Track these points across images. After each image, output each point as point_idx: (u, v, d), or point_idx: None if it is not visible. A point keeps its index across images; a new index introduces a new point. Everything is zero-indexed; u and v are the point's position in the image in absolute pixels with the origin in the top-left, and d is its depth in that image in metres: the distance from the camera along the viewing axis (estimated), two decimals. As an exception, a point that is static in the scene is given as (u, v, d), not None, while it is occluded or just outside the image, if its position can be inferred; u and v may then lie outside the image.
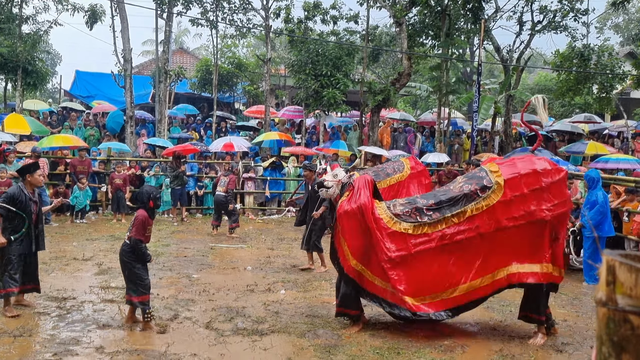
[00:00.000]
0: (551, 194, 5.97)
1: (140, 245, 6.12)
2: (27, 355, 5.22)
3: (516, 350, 5.86)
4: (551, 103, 25.20)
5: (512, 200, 5.93)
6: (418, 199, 6.39)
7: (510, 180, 5.98)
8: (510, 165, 6.21)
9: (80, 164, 14.27)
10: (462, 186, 6.20)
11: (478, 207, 5.96)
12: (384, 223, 6.02)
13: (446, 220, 5.99)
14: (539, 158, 6.38)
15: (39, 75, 18.70)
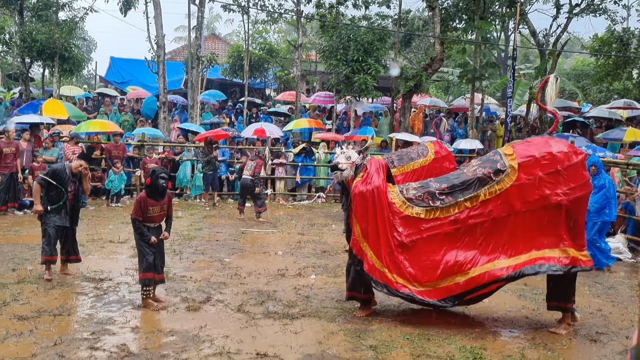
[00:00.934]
0: (568, 178, 5.81)
1: (137, 224, 6.40)
2: (66, 334, 5.39)
3: (549, 339, 5.79)
4: (589, 88, 24.58)
5: (527, 184, 5.79)
6: (431, 182, 6.29)
7: (525, 164, 5.84)
8: (525, 148, 6.05)
9: (115, 149, 14.54)
10: (475, 170, 6.08)
11: (491, 191, 5.85)
12: (396, 207, 5.98)
13: (459, 205, 5.90)
14: (556, 140, 6.16)
15: (75, 62, 19.07)
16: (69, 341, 5.20)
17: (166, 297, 6.66)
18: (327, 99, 21.59)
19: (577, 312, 6.35)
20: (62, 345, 5.09)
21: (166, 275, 7.61)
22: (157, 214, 6.48)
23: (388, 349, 5.30)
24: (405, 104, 18.89)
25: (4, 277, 7.26)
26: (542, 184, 5.79)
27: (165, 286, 7.12)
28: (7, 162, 12.10)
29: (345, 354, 5.18)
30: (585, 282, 8.20)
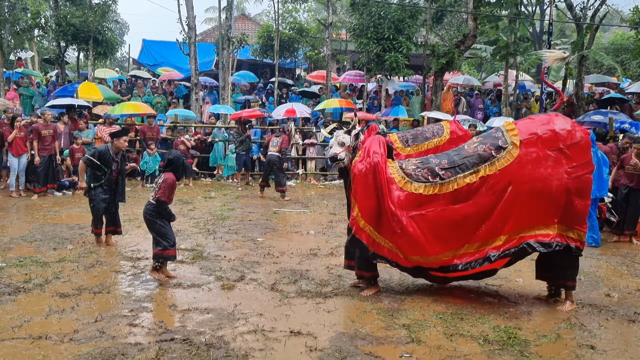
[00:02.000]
0: (571, 156, 5.68)
1: (166, 206, 6.52)
2: (106, 311, 5.55)
3: (585, 318, 5.72)
4: (628, 63, 23.77)
5: (528, 162, 5.68)
6: (431, 158, 6.21)
7: (527, 141, 5.72)
8: (528, 125, 5.92)
9: (149, 131, 14.77)
10: (476, 146, 5.98)
11: (492, 168, 5.75)
12: (395, 183, 5.92)
13: (458, 181, 5.82)
14: (560, 118, 5.99)
15: (109, 45, 19.36)
16: (109, 318, 5.35)
17: (201, 276, 6.79)
18: (358, 77, 21.43)
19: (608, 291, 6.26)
20: (103, 321, 5.25)
21: (200, 254, 7.76)
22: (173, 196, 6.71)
23: (421, 328, 5.31)
24: (437, 82, 18.62)
25: (46, 255, 7.50)
26: (544, 162, 5.69)
27: (200, 265, 7.26)
28: (45, 144, 12.41)
29: (378, 332, 5.21)
30: (623, 262, 8.05)
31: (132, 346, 4.73)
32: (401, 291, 6.43)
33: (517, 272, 7.35)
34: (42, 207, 11.12)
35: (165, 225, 6.58)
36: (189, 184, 14.45)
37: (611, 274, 7.46)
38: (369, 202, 5.96)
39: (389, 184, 5.94)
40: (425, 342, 5.01)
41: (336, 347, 4.85)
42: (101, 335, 4.93)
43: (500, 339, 5.12)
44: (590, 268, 7.68)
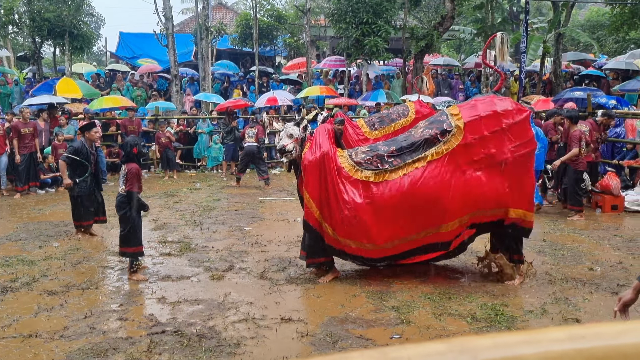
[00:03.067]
0: (513, 135, 5.78)
1: (138, 196, 6.42)
2: (95, 306, 5.54)
3: (570, 293, 5.83)
4: (604, 40, 24.01)
5: (473, 143, 5.77)
6: (380, 145, 6.25)
7: (471, 123, 5.81)
8: (471, 107, 6.01)
9: (130, 124, 14.64)
10: (423, 131, 6.04)
11: (438, 152, 5.82)
12: (345, 172, 5.95)
13: (407, 166, 5.87)
14: (501, 99, 6.12)
15: (85, 39, 19.08)
16: (98, 313, 5.35)
17: (190, 268, 6.79)
18: (338, 63, 21.39)
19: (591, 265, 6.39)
20: (92, 317, 5.25)
21: (188, 246, 7.76)
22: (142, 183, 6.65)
23: (410, 309, 5.38)
24: (417, 64, 18.66)
25: (32, 254, 7.44)
26: (488, 143, 5.77)
27: (188, 257, 7.26)
28: (25, 142, 12.23)
29: (368, 315, 5.27)
30: (604, 236, 8.20)
31: (123, 340, 4.74)
32: (389, 274, 6.49)
33: (502, 250, 7.45)
34: (25, 205, 11.01)
35: (136, 220, 6.47)
36: (173, 176, 14.38)
37: (593, 248, 7.59)
38: (320, 192, 5.96)
39: (339, 173, 5.95)
40: (415, 322, 5.08)
41: (327, 331, 4.90)
42: (92, 331, 4.92)
43: (487, 316, 5.21)
44: (572, 243, 7.82)
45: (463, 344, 0.53)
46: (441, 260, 6.57)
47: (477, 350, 0.52)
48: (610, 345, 0.53)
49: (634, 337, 0.54)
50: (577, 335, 0.54)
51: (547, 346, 0.53)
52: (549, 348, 0.53)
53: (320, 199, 5.98)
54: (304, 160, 6.09)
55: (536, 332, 0.55)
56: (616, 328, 0.56)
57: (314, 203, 6.00)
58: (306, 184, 6.06)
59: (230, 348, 4.59)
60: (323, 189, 5.96)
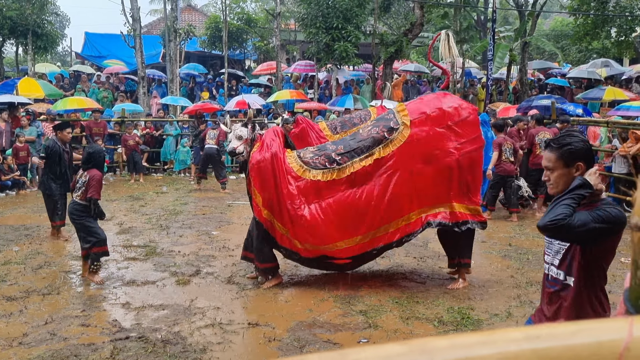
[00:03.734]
0: (459, 133, 5.87)
1: (97, 203, 6.33)
2: (56, 312, 5.39)
3: (534, 296, 5.92)
4: (568, 49, 24.63)
5: (419, 141, 5.83)
6: (328, 145, 6.29)
7: (417, 121, 5.88)
8: (417, 105, 6.10)
9: (96, 126, 14.37)
10: (370, 129, 6.09)
11: (385, 150, 5.87)
12: (294, 172, 5.96)
13: (354, 165, 5.90)
14: (448, 96, 6.21)
15: (49, 38, 18.66)
16: (60, 319, 5.21)
17: (155, 273, 6.68)
18: (308, 67, 21.42)
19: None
20: (53, 323, 5.11)
21: (154, 250, 7.63)
22: None
23: (378, 313, 5.40)
24: (387, 70, 18.81)
25: (-10, 259, 7.22)
26: (434, 140, 5.84)
27: (153, 261, 7.14)
28: (-16, 143, 11.89)
29: (336, 319, 5.26)
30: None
31: (85, 347, 4.62)
32: (357, 278, 6.51)
33: (468, 254, 7.55)
34: (-16, 208, 10.68)
35: (93, 222, 6.38)
36: (139, 180, 14.16)
37: (557, 252, 7.73)
38: (269, 192, 5.93)
39: (288, 173, 5.94)
40: (382, 326, 5.10)
41: (295, 336, 4.88)
42: (52, 338, 4.79)
43: (454, 319, 5.26)
44: (537, 247, 7.96)
45: (422, 345, 0.53)
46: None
47: (435, 352, 0.51)
48: (564, 345, 0.53)
49: (586, 338, 0.54)
50: (533, 335, 0.54)
51: (503, 346, 0.53)
52: (505, 348, 0.53)
53: (270, 199, 5.93)
54: (251, 161, 6.07)
55: (493, 332, 0.55)
56: (570, 328, 0.56)
57: (263, 203, 5.96)
58: (255, 185, 6.02)
59: (196, 354, 4.52)
60: (272, 189, 5.91)
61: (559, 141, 2.69)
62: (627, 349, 0.52)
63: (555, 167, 2.68)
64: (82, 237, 6.39)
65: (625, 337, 0.53)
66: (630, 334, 0.53)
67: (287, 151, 6.17)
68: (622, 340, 0.53)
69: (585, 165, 2.66)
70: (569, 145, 2.66)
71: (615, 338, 0.54)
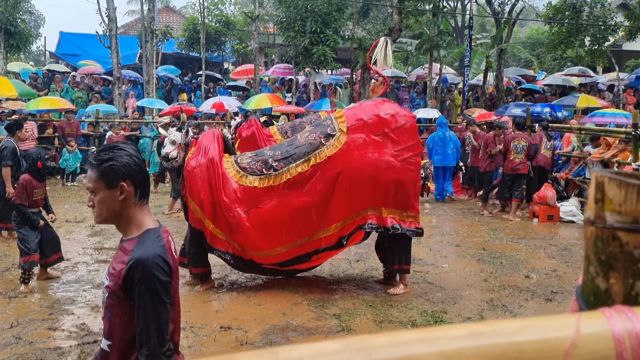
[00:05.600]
0: (396, 140, 5.90)
1: (23, 209, 6.10)
2: (22, 316, 5.26)
3: (507, 300, 5.97)
4: (543, 57, 25.01)
5: (355, 147, 5.83)
6: (266, 151, 6.25)
7: (354, 127, 5.89)
8: (355, 112, 6.10)
9: (69, 127, 14.12)
10: (307, 135, 6.08)
11: (321, 156, 5.85)
12: (230, 177, 5.93)
13: (290, 171, 5.88)
14: (385, 103, 6.22)
15: (22, 37, 18.34)
16: (26, 323, 5.08)
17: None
18: (287, 71, 21.39)
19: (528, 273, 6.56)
20: (19, 327, 4.98)
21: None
22: (40, 197, 6.34)
23: (351, 317, 5.37)
24: (365, 75, 18.86)
25: (-45, 261, 7.03)
26: (370, 147, 5.85)
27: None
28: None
29: (309, 323, 5.22)
30: (540, 245, 8.47)
31: (51, 351, 4.51)
32: (332, 281, 6.48)
33: (443, 258, 7.58)
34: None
35: (26, 232, 6.13)
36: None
37: (530, 257, 7.82)
38: (205, 198, 5.85)
39: (224, 178, 5.89)
40: (356, 330, 5.07)
41: (267, 340, 4.83)
42: (17, 342, 4.67)
43: (427, 323, 5.26)
44: (510, 251, 8.03)
45: (359, 342, 0.49)
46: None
47: (372, 349, 0.48)
48: (508, 342, 0.50)
49: (532, 334, 0.52)
50: (476, 332, 0.51)
51: (444, 344, 0.50)
52: (446, 346, 0.50)
53: (206, 205, 5.84)
54: (186, 167, 6.00)
55: (434, 329, 0.52)
56: (515, 325, 0.53)
57: (199, 208, 5.88)
58: (190, 190, 5.94)
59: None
60: (208, 195, 5.83)
61: (100, 156, 2.12)
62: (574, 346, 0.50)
63: (97, 188, 2.11)
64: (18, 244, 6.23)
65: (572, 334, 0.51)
66: (577, 330, 0.51)
67: (225, 156, 6.09)
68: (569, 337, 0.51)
69: (132, 186, 2.11)
70: (110, 161, 2.10)
71: (562, 335, 0.52)
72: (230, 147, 6.42)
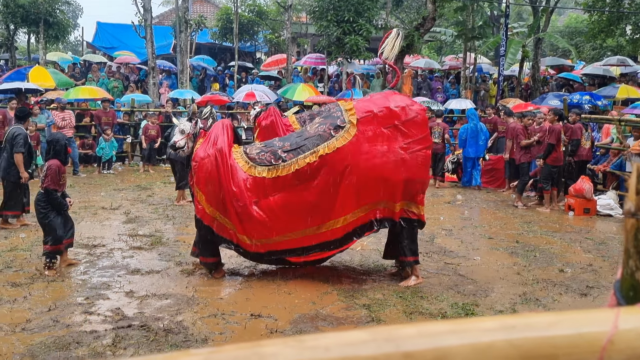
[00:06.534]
0: (406, 132, 5.81)
1: (55, 194, 6.20)
2: (60, 299, 5.41)
3: (540, 294, 5.87)
4: (582, 46, 24.36)
5: (365, 140, 5.77)
6: (275, 141, 6.20)
7: (364, 119, 5.81)
8: (365, 104, 6.04)
9: (105, 116, 14.40)
10: (317, 127, 6.01)
11: (331, 147, 5.78)
12: (239, 168, 5.90)
13: (299, 162, 5.82)
14: (396, 95, 6.14)
15: (61, 27, 18.74)
16: (63, 306, 5.22)
17: (160, 262, 6.68)
18: (319, 60, 21.34)
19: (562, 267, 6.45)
20: (57, 310, 5.12)
21: (159, 240, 7.64)
22: (65, 181, 6.46)
23: (381, 307, 5.36)
24: (398, 65, 18.68)
25: (-3, 245, 7.26)
26: (380, 139, 5.78)
27: (158, 251, 7.14)
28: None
29: (338, 313, 5.23)
30: (576, 239, 8.29)
31: (87, 334, 4.63)
32: (362, 271, 6.48)
33: (475, 250, 7.49)
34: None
35: (54, 219, 6.25)
36: (148, 170, 14.18)
37: (565, 251, 7.67)
38: (213, 188, 5.86)
39: (233, 169, 5.88)
40: (385, 321, 5.06)
41: (297, 328, 4.85)
42: (55, 324, 4.80)
43: (458, 315, 5.21)
44: (545, 245, 7.89)
45: (387, 332, 0.48)
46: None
47: (401, 340, 0.47)
48: (541, 336, 0.49)
49: (566, 329, 0.50)
50: (508, 326, 0.50)
51: (475, 337, 0.49)
52: (477, 339, 0.48)
53: (215, 196, 5.86)
54: (195, 158, 6.01)
55: (464, 321, 0.50)
56: (549, 319, 0.51)
57: (206, 199, 5.91)
58: (197, 181, 5.97)
59: (198, 343, 4.51)
60: (217, 186, 5.85)
61: None
62: (611, 341, 0.48)
63: None
64: (42, 230, 6.36)
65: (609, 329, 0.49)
66: (615, 325, 0.49)
67: (234, 147, 6.09)
68: (606, 332, 0.49)
69: None
70: None
71: (598, 330, 0.50)
72: (240, 137, 6.44)
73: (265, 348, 0.47)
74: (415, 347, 0.46)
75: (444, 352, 0.46)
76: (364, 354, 0.45)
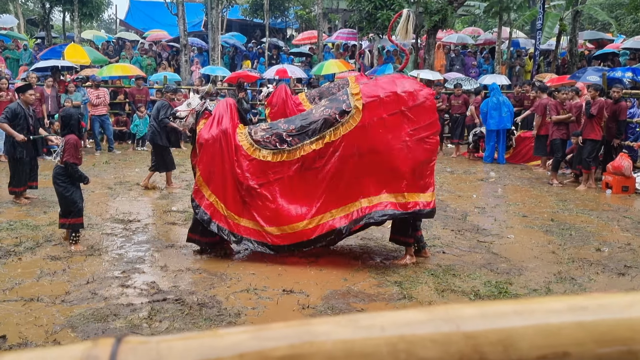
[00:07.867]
0: (413, 118, 5.59)
1: (76, 168, 6.26)
2: (97, 273, 5.54)
3: (576, 273, 5.77)
4: (623, 19, 23.51)
5: (371, 126, 5.57)
6: (280, 124, 6.05)
7: (370, 104, 5.60)
8: (371, 87, 5.80)
9: (138, 93, 14.57)
10: (323, 110, 5.83)
11: (336, 133, 5.63)
12: (244, 150, 5.78)
13: (305, 147, 5.70)
14: (404, 79, 5.89)
15: (95, 5, 18.94)
16: (100, 279, 5.35)
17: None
18: (350, 36, 21.12)
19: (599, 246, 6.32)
20: (95, 283, 5.25)
21: (192, 215, 7.71)
22: (81, 155, 6.52)
23: (413, 285, 5.34)
24: (430, 40, 18.36)
25: (37, 219, 7.46)
26: (386, 125, 5.58)
27: (192, 226, 7.23)
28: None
29: (370, 289, 5.24)
30: (613, 217, 8.10)
31: (124, 307, 4.74)
32: (393, 248, 6.45)
33: (508, 228, 7.39)
34: (32, 171, 11.01)
35: (73, 190, 6.32)
36: (180, 147, 14.32)
37: (602, 229, 7.50)
38: (213, 169, 5.80)
39: (237, 151, 5.79)
40: (417, 298, 5.04)
41: (328, 304, 4.88)
42: (93, 297, 4.93)
43: (491, 293, 5.16)
44: (581, 223, 7.73)
45: (445, 312, 0.47)
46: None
47: (460, 320, 0.45)
48: (616, 318, 0.46)
49: (645, 310, 0.47)
50: (578, 307, 0.47)
51: (542, 318, 0.46)
52: (544, 320, 0.46)
53: (215, 178, 5.82)
54: (199, 138, 5.94)
55: (531, 301, 0.48)
56: (624, 299, 0.49)
57: (204, 178, 5.86)
58: (199, 161, 5.91)
59: (231, 317, 4.58)
60: (219, 165, 5.79)
61: None
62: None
63: None
64: (61, 204, 6.42)
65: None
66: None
67: (239, 127, 6.01)
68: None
69: None
70: None
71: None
72: (245, 117, 6.38)
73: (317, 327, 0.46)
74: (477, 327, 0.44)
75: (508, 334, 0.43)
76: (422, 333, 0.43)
